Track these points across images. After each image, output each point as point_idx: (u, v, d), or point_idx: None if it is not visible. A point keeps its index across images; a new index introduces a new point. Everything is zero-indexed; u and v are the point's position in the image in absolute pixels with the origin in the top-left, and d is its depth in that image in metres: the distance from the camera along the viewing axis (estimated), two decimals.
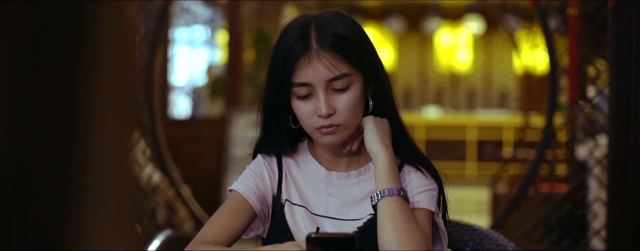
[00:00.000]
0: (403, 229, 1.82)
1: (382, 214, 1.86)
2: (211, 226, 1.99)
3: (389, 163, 1.92)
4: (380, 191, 1.88)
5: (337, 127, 1.94)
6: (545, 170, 4.57)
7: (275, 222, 2.04)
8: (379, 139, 1.94)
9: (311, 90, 1.93)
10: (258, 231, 2.12)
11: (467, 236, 2.39)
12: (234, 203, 2.02)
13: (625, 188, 4.03)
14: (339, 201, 2.02)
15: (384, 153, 1.93)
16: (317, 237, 1.67)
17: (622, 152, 4.05)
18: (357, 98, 1.95)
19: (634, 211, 3.98)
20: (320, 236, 1.68)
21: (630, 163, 4.00)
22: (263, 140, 2.10)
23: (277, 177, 2.08)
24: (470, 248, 2.37)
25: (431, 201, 1.96)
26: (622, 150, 4.06)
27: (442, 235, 2.00)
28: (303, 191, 2.06)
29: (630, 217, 4.00)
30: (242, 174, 2.09)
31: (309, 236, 1.66)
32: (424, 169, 2.01)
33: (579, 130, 5.06)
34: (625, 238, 4.03)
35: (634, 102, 3.93)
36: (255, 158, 2.12)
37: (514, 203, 4.48)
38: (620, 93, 4.05)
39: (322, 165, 2.08)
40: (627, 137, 4.04)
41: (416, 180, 1.99)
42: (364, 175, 2.05)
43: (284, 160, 2.10)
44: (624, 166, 4.04)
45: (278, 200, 2.05)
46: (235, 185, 2.05)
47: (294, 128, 2.04)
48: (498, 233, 2.37)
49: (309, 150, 2.11)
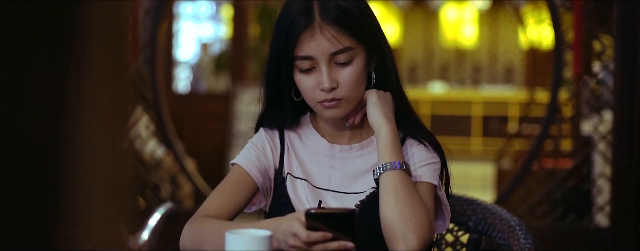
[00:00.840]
0: (405, 203, 1.82)
1: (384, 187, 1.86)
2: (213, 200, 1.99)
3: (392, 137, 1.91)
4: (383, 165, 1.88)
5: (339, 100, 1.93)
6: (550, 145, 4.56)
7: (278, 196, 2.03)
8: (382, 112, 1.94)
9: (314, 64, 1.92)
10: (260, 205, 2.11)
11: (470, 211, 2.38)
12: (236, 177, 2.02)
13: (630, 164, 4.03)
14: (341, 175, 2.02)
15: (387, 126, 1.92)
16: (317, 213, 1.66)
17: (627, 127, 4.04)
18: (360, 72, 1.94)
19: (639, 186, 3.97)
20: (319, 212, 1.67)
21: (635, 138, 4.00)
22: (265, 114, 2.09)
23: (279, 150, 2.07)
24: (474, 222, 2.36)
25: (434, 175, 1.95)
26: (626, 125, 4.04)
27: (444, 209, 1.99)
28: (305, 164, 2.05)
29: (634, 193, 3.99)
30: (244, 148, 2.08)
31: (309, 212, 1.65)
32: (427, 143, 2.00)
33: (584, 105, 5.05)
34: (630, 214, 4.03)
35: (639, 77, 3.91)
36: (258, 131, 2.12)
37: (518, 179, 4.48)
38: (625, 68, 4.03)
39: (325, 138, 2.07)
40: (632, 112, 4.02)
41: (419, 153, 1.98)
42: (367, 148, 2.04)
43: (286, 134, 2.09)
44: (628, 141, 4.03)
45: (280, 174, 2.04)
46: (237, 158, 2.05)
47: (297, 101, 2.03)
48: (501, 208, 2.37)
49: (311, 123, 2.11)
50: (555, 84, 4.37)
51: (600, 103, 4.55)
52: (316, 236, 1.65)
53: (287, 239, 1.69)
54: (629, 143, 4.04)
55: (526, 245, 2.17)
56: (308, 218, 1.65)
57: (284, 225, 1.71)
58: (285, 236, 1.70)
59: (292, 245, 1.69)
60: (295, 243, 1.68)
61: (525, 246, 2.16)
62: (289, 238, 1.69)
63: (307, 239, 1.65)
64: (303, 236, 1.65)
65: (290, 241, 1.69)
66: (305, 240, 1.65)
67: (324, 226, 1.65)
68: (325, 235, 1.65)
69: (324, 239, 1.65)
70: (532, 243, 2.16)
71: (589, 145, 4.73)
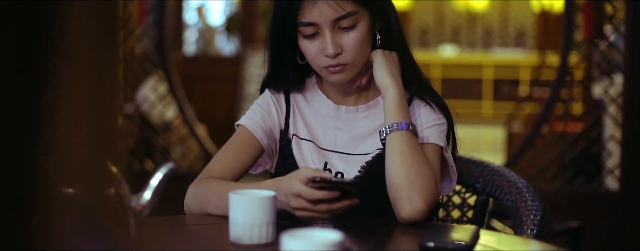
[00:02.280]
0: (411, 164, 1.81)
1: (390, 148, 1.85)
2: (217, 162, 1.99)
3: (399, 97, 1.89)
4: (389, 125, 1.87)
5: (344, 65, 1.91)
6: (561, 109, 4.54)
7: (283, 157, 2.02)
8: (389, 72, 1.92)
9: (317, 30, 1.91)
10: (266, 167, 2.11)
11: (478, 173, 2.38)
12: (240, 138, 2.01)
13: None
14: (347, 136, 2.01)
15: (394, 86, 1.90)
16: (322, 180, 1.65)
17: (637, 91, 4.02)
18: (364, 36, 1.92)
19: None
20: (324, 179, 1.65)
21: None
22: (270, 77, 2.08)
23: (285, 112, 2.06)
24: (481, 184, 2.36)
25: (440, 136, 1.94)
26: (637, 88, 4.02)
27: (451, 171, 1.98)
28: (311, 125, 2.04)
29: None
30: (250, 109, 2.07)
31: (314, 180, 1.64)
32: (434, 104, 1.98)
33: (595, 69, 5.02)
34: (639, 177, 4.02)
35: None
36: (263, 93, 2.11)
37: (528, 142, 4.47)
38: (636, 31, 4.00)
39: (331, 99, 2.05)
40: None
41: (426, 114, 1.97)
42: (373, 109, 2.03)
43: (291, 95, 2.08)
44: (639, 104, 4.01)
45: (285, 135, 2.03)
46: (242, 119, 2.04)
47: (301, 64, 2.01)
48: (509, 170, 2.36)
49: (317, 84, 2.09)
50: (565, 47, 4.34)
51: (611, 67, 4.51)
52: (321, 194, 1.64)
53: (289, 200, 1.69)
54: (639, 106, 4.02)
55: (533, 207, 2.16)
56: (311, 184, 1.64)
57: (285, 186, 1.70)
58: (288, 198, 1.69)
59: (295, 206, 1.68)
60: (298, 204, 1.67)
61: (532, 208, 2.16)
62: (291, 200, 1.68)
63: (312, 197, 1.64)
64: (307, 194, 1.64)
65: (293, 202, 1.68)
66: (310, 198, 1.64)
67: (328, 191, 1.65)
68: (330, 193, 1.64)
69: (329, 197, 1.64)
70: (540, 205, 2.16)
71: (599, 108, 4.71)
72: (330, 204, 1.65)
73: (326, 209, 1.66)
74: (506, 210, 2.28)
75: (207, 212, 1.87)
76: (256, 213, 1.58)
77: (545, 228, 2.10)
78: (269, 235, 1.59)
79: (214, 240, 1.72)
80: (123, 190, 1.33)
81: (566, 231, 3.57)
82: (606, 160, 4.44)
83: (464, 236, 1.62)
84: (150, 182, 1.39)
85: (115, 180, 1.32)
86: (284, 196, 1.70)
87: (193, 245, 1.71)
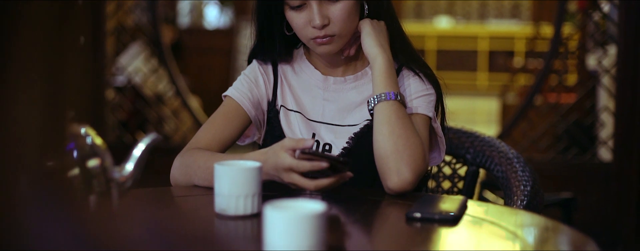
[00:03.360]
0: (399, 134, 1.79)
1: (378, 118, 1.83)
2: (204, 133, 1.97)
3: (387, 66, 1.88)
4: (377, 96, 1.85)
5: (332, 36, 1.89)
6: (555, 80, 4.53)
7: (271, 128, 2.01)
8: (377, 42, 1.90)
9: (304, 1, 1.89)
10: (254, 138, 2.09)
11: (469, 144, 2.37)
12: (227, 109, 1.99)
13: (634, 98, 4.00)
14: (335, 107, 1.99)
15: (382, 56, 1.88)
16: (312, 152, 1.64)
17: (631, 62, 4.01)
18: (351, 7, 1.90)
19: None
20: (313, 154, 1.64)
21: (638, 73, 3.96)
22: (257, 47, 2.06)
23: (272, 83, 2.04)
24: (472, 155, 2.35)
25: (429, 106, 1.93)
26: (631, 59, 4.01)
27: (440, 141, 1.97)
28: (299, 96, 2.03)
29: (637, 127, 3.97)
30: (237, 80, 2.05)
31: (304, 151, 1.63)
32: (422, 74, 1.96)
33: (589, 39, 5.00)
34: (632, 148, 4.01)
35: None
36: (250, 63, 2.09)
37: (521, 113, 4.46)
38: (630, 2, 3.98)
39: (319, 70, 2.04)
40: (636, 47, 3.99)
41: (414, 84, 1.95)
42: (361, 80, 2.01)
43: (279, 66, 2.06)
44: (632, 75, 4.00)
45: (273, 106, 2.02)
46: (229, 90, 2.02)
47: (289, 35, 1.99)
48: (500, 141, 2.35)
49: (305, 55, 2.07)
50: (559, 18, 4.33)
51: (605, 37, 4.50)
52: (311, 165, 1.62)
53: (281, 175, 1.67)
54: (633, 77, 4.01)
55: (524, 177, 2.15)
56: (301, 156, 1.63)
57: (271, 160, 1.69)
58: (278, 172, 1.68)
59: (288, 181, 1.67)
60: (291, 178, 1.66)
61: (522, 179, 2.15)
62: (283, 174, 1.67)
63: (303, 169, 1.63)
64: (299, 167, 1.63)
65: (285, 177, 1.67)
66: (302, 170, 1.63)
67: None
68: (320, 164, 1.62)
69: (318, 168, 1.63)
70: (530, 176, 2.15)
71: (593, 79, 4.69)
72: (320, 180, 1.64)
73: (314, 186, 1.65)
74: (497, 181, 2.27)
75: (194, 183, 1.86)
76: (241, 184, 1.57)
77: (535, 199, 2.09)
78: (255, 206, 1.58)
79: (199, 211, 1.71)
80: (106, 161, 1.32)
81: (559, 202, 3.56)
82: (599, 131, 4.43)
83: (452, 206, 1.61)
84: (132, 153, 1.38)
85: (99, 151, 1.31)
86: (272, 169, 1.69)
87: (179, 216, 1.70)
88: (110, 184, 1.32)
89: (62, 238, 0.68)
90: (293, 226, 1.20)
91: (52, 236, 0.67)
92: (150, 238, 1.31)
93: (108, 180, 1.31)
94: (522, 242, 1.42)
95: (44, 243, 0.67)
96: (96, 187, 1.30)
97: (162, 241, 1.37)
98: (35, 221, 0.67)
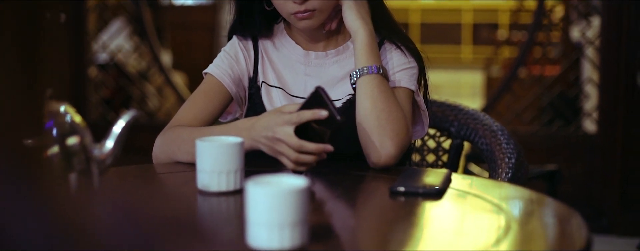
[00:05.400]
0: (382, 108, 1.78)
1: (360, 92, 1.82)
2: (185, 111, 1.95)
3: (369, 40, 1.86)
4: (359, 69, 1.83)
5: (312, 11, 1.87)
6: (539, 52, 4.52)
7: (252, 104, 1.99)
8: (358, 15, 1.88)
9: None
10: (236, 115, 2.08)
11: (453, 117, 2.36)
12: (208, 86, 1.97)
13: (618, 69, 4.00)
14: (317, 82, 1.97)
15: (363, 29, 1.86)
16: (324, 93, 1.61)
17: (615, 33, 4.00)
18: None
19: (626, 92, 3.95)
20: (327, 95, 1.61)
21: (622, 44, 3.96)
22: (237, 23, 2.04)
23: (253, 59, 2.02)
24: (456, 128, 2.34)
25: (411, 79, 1.91)
26: (614, 30, 4.01)
27: (423, 114, 1.96)
28: (280, 72, 2.01)
29: (621, 98, 3.98)
30: (217, 57, 2.03)
31: (319, 87, 1.60)
32: (404, 47, 1.95)
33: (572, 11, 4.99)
34: (617, 119, 4.02)
35: None
36: (230, 40, 2.06)
37: (505, 85, 4.46)
38: None
39: (300, 45, 2.02)
40: (620, 18, 3.98)
41: (396, 58, 1.94)
42: (343, 54, 1.99)
43: (260, 42, 2.04)
44: (616, 47, 4.00)
45: (254, 82, 2.00)
46: (209, 67, 2.00)
47: (268, 9, 1.97)
48: (484, 113, 2.34)
49: (285, 30, 2.05)
50: None
51: (589, 9, 4.49)
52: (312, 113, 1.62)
53: (273, 131, 1.65)
54: (617, 49, 4.01)
55: (508, 150, 2.15)
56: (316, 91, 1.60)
57: (265, 118, 1.69)
58: (269, 130, 1.66)
59: (278, 138, 1.65)
60: (282, 136, 1.64)
61: (507, 152, 2.14)
62: (275, 129, 1.65)
63: (304, 117, 1.63)
64: (301, 114, 1.63)
65: (278, 133, 1.64)
66: (303, 118, 1.63)
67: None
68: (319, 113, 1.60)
69: (318, 118, 1.61)
70: (514, 149, 2.15)
71: (577, 50, 4.69)
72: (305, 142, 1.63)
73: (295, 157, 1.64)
74: (481, 154, 2.27)
75: (177, 160, 1.85)
76: (223, 161, 1.56)
77: (520, 171, 2.09)
78: (238, 182, 1.57)
79: (182, 187, 1.70)
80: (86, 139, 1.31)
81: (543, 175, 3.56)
82: (584, 103, 4.43)
83: (436, 180, 1.60)
84: (112, 130, 1.37)
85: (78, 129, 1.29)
86: (264, 129, 1.67)
87: (161, 193, 1.69)
88: (90, 162, 1.30)
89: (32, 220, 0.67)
90: (275, 201, 1.19)
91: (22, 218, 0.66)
92: (131, 216, 1.30)
93: (88, 158, 1.30)
94: (507, 215, 1.42)
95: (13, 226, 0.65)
96: (76, 165, 1.29)
97: (143, 219, 1.36)
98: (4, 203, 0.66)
